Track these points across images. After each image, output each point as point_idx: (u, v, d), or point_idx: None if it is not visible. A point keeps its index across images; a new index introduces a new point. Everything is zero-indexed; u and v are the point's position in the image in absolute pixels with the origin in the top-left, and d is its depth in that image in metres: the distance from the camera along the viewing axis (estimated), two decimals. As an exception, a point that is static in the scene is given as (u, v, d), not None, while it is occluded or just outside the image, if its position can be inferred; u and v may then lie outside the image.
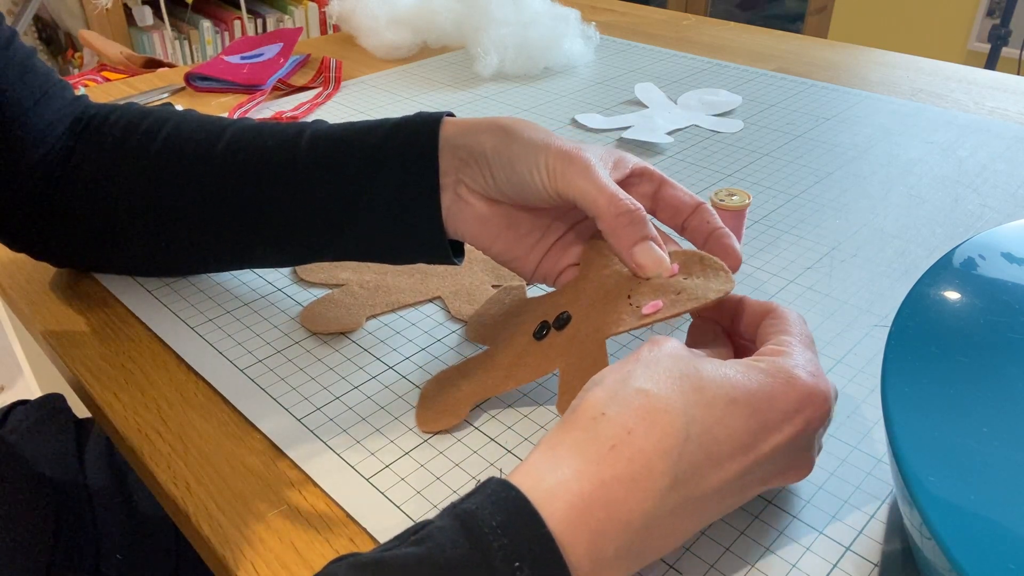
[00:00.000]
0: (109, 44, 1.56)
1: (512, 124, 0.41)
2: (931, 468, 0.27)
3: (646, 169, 0.44)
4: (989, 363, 0.31)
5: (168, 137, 0.47)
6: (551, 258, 0.44)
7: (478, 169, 0.41)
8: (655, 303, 0.38)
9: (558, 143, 0.40)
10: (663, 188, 0.43)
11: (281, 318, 0.49)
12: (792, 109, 0.80)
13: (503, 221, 0.43)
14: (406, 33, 0.97)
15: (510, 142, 0.40)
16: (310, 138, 0.45)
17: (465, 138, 0.42)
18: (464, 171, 0.42)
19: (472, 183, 0.42)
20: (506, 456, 0.39)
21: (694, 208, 0.42)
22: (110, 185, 0.48)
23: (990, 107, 0.80)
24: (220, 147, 0.46)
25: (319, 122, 0.47)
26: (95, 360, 0.47)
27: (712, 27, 1.09)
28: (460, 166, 0.42)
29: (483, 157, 0.41)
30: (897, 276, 0.52)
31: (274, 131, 0.46)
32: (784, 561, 0.34)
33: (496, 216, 0.43)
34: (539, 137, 0.40)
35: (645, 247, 0.39)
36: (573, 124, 0.77)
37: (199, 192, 0.46)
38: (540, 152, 0.40)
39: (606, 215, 0.39)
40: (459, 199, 0.42)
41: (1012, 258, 0.36)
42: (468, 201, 0.42)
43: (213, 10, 2.30)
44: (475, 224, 0.43)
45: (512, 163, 0.40)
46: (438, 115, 0.43)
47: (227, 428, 0.42)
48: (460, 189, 0.42)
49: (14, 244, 0.52)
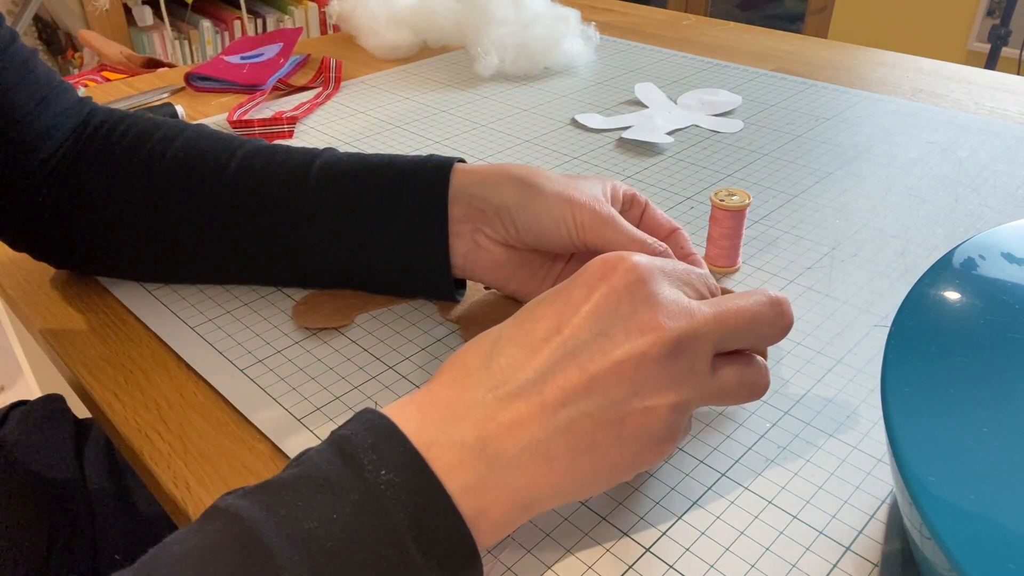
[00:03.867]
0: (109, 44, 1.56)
1: (529, 176, 0.44)
2: (931, 468, 0.27)
3: (635, 196, 0.46)
4: (989, 363, 0.31)
5: (178, 154, 0.48)
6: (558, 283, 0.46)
7: (499, 221, 0.44)
8: None
9: (580, 197, 0.42)
10: (646, 212, 0.46)
11: (281, 318, 0.49)
12: (792, 109, 0.80)
13: (518, 263, 0.46)
14: (406, 33, 0.97)
15: (533, 196, 0.43)
16: (320, 169, 0.46)
17: (482, 189, 0.44)
18: (483, 221, 0.44)
19: (493, 233, 0.44)
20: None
21: (670, 232, 0.45)
22: (117, 195, 0.48)
23: (990, 107, 0.80)
24: (230, 170, 0.47)
25: (330, 150, 0.48)
26: (95, 360, 0.47)
27: (712, 27, 1.09)
28: (478, 216, 0.44)
29: (506, 210, 0.43)
30: (897, 276, 0.52)
31: (284, 158, 0.47)
32: (784, 561, 0.34)
33: (512, 259, 0.45)
34: (561, 192, 0.43)
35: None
36: (573, 124, 0.77)
37: (205, 213, 0.47)
38: (565, 207, 0.42)
39: None
40: (478, 247, 0.45)
41: (1012, 258, 0.36)
42: (487, 249, 0.45)
43: (213, 10, 2.30)
44: (492, 268, 0.46)
45: (539, 217, 0.43)
46: (449, 162, 0.45)
47: (227, 428, 0.42)
48: (479, 237, 0.45)
49: (15, 244, 0.52)
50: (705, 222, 0.58)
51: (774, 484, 0.37)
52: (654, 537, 0.35)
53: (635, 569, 0.34)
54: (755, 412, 0.41)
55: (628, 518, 0.36)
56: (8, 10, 2.03)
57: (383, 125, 0.78)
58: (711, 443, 0.40)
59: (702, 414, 0.41)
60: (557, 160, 0.70)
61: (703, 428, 0.41)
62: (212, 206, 0.47)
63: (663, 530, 0.35)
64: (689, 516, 0.36)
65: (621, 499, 0.37)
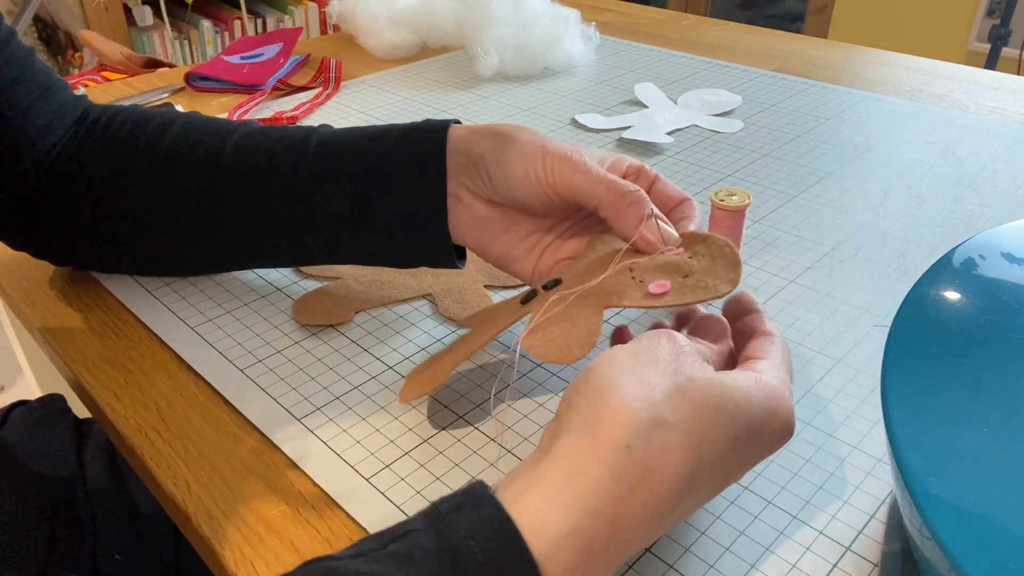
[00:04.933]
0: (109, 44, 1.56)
1: (510, 129, 0.43)
2: (931, 468, 0.27)
3: (642, 168, 0.45)
4: (989, 363, 0.31)
5: (175, 139, 0.48)
6: (548, 258, 0.44)
7: (476, 172, 0.42)
8: (662, 283, 0.37)
9: (554, 145, 0.41)
10: (656, 184, 0.44)
11: (281, 318, 0.49)
12: (792, 109, 0.80)
13: (502, 223, 0.44)
14: (406, 33, 0.97)
15: (507, 145, 0.42)
16: (317, 142, 0.46)
17: (466, 143, 0.43)
18: (463, 174, 0.43)
19: (472, 185, 0.43)
20: (506, 456, 0.39)
21: (680, 202, 0.44)
22: (116, 186, 0.48)
23: (990, 107, 0.79)
24: (227, 150, 0.47)
25: (325, 126, 0.47)
26: (95, 360, 0.47)
27: (712, 27, 1.09)
28: (459, 170, 0.43)
29: (481, 159, 0.42)
30: (897, 276, 0.52)
31: (281, 135, 0.47)
32: (784, 561, 0.34)
33: (495, 218, 0.44)
34: (536, 140, 0.41)
35: (651, 224, 0.39)
36: (573, 124, 0.77)
37: (205, 194, 0.47)
38: (536, 153, 0.41)
39: (607, 201, 0.40)
40: (459, 201, 0.43)
41: (1012, 258, 0.36)
42: (467, 203, 0.43)
43: (213, 10, 2.30)
44: (475, 227, 0.44)
45: (508, 165, 0.41)
46: (445, 123, 0.44)
47: (227, 428, 0.42)
48: (460, 191, 0.43)
49: (14, 242, 0.52)
50: (705, 222, 0.58)
51: (774, 484, 0.37)
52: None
53: (635, 569, 0.34)
54: (755, 412, 0.41)
55: (628, 518, 0.36)
56: (8, 10, 2.03)
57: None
58: (711, 443, 0.40)
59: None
60: (557, 160, 0.70)
61: (703, 428, 0.41)
62: (211, 187, 0.47)
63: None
64: (689, 516, 0.36)
65: (621, 499, 0.37)
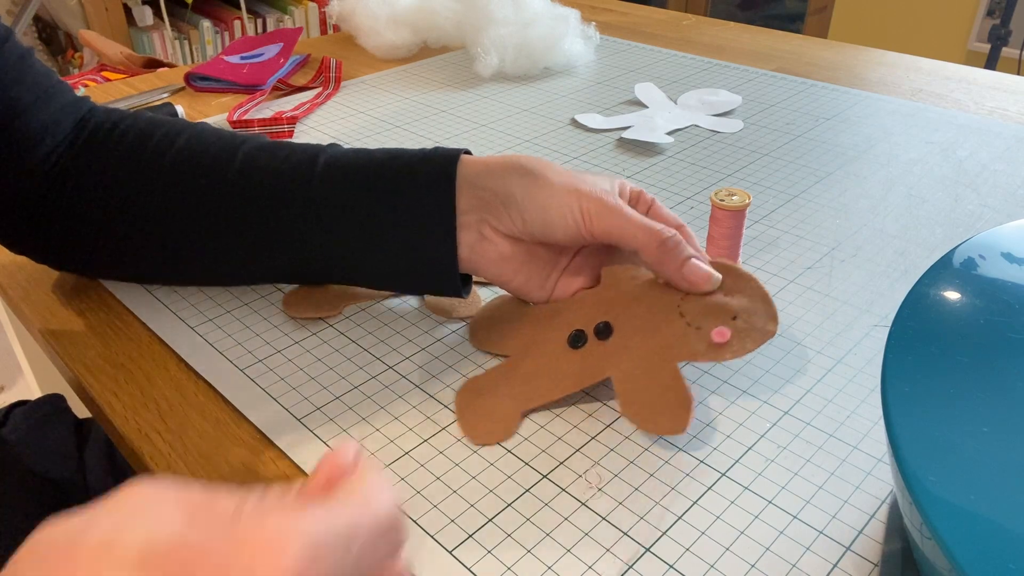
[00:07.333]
0: (109, 44, 1.56)
1: (536, 167, 0.44)
2: (931, 468, 0.27)
3: (641, 194, 0.46)
4: (989, 363, 0.31)
5: (181, 151, 0.47)
6: (564, 282, 0.46)
7: (505, 211, 0.43)
8: (721, 330, 0.39)
9: (587, 188, 0.43)
10: (651, 209, 0.46)
11: (281, 318, 0.49)
12: (792, 109, 0.80)
13: (523, 257, 0.45)
14: (406, 33, 0.97)
15: (540, 186, 0.43)
16: (325, 164, 0.46)
17: (488, 180, 0.44)
18: (489, 212, 0.43)
19: (498, 224, 0.44)
20: (506, 456, 0.39)
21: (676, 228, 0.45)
22: (119, 194, 0.47)
23: (990, 107, 0.80)
24: (234, 166, 0.46)
25: (334, 146, 0.47)
26: (95, 360, 0.47)
27: (712, 27, 1.09)
28: (483, 207, 0.43)
29: (511, 200, 0.43)
30: (897, 276, 0.52)
31: (289, 153, 0.47)
32: (784, 561, 0.34)
33: (518, 253, 0.45)
34: (568, 182, 0.43)
35: (692, 265, 0.41)
36: (573, 124, 0.77)
37: (210, 210, 0.46)
38: (572, 197, 0.42)
39: (649, 247, 0.42)
40: (483, 239, 0.44)
41: (1012, 258, 0.36)
42: (493, 241, 0.44)
43: (213, 10, 2.30)
44: (498, 262, 0.45)
45: (545, 207, 0.43)
46: (455, 153, 0.45)
47: (227, 428, 0.42)
48: (484, 229, 0.44)
49: (14, 247, 0.51)
50: (705, 222, 0.58)
51: (774, 484, 0.37)
52: (654, 537, 0.35)
53: (635, 569, 0.34)
54: (755, 412, 0.42)
55: (628, 518, 0.36)
56: (8, 10, 2.03)
57: (383, 125, 0.78)
58: (711, 443, 0.40)
59: (703, 413, 0.41)
60: (557, 160, 0.70)
61: (703, 428, 0.41)
62: (216, 203, 0.46)
63: (663, 530, 0.35)
64: (689, 516, 0.36)
65: (621, 499, 0.37)
